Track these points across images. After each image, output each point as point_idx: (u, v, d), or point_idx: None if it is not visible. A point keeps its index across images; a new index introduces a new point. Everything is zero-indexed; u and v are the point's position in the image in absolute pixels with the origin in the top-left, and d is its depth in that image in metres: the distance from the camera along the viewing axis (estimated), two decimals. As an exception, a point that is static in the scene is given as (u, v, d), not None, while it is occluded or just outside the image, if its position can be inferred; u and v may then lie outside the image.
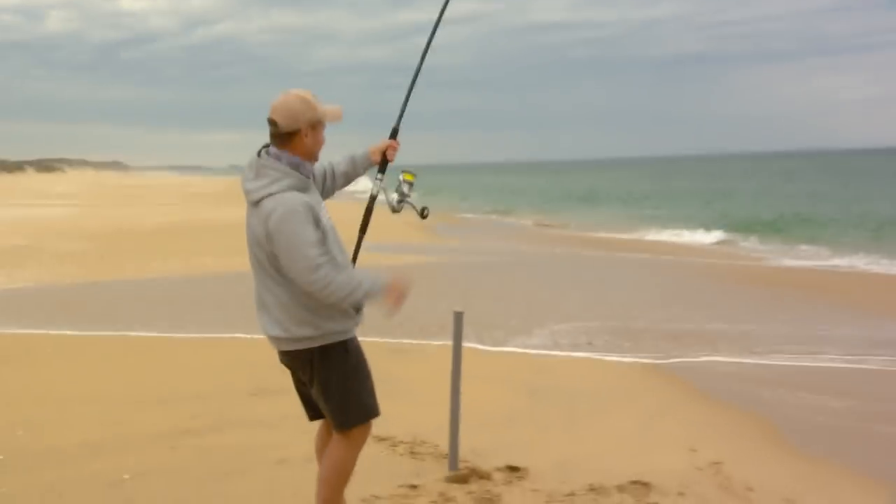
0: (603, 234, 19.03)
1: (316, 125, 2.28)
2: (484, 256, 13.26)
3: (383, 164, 2.64)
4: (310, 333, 2.25)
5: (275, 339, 2.33)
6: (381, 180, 2.63)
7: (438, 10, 2.77)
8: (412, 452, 3.62)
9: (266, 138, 2.35)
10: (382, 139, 2.65)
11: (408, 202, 2.57)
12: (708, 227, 18.92)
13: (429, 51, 2.74)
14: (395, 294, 2.30)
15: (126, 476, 3.34)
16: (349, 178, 2.67)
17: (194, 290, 9.33)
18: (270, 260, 2.23)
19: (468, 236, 17.64)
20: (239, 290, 8.67)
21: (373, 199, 2.63)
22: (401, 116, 2.69)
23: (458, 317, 3.21)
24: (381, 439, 3.62)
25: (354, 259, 2.54)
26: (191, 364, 5.53)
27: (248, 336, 5.89)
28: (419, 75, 2.75)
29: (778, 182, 47.77)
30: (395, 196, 2.56)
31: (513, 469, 3.38)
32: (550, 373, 5.41)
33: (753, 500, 3.15)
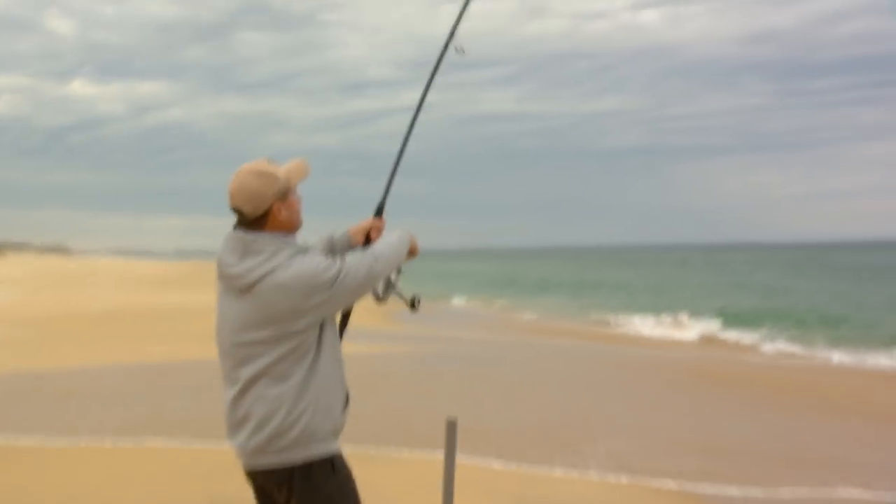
0: (572, 324, 19.12)
1: (285, 195, 1.91)
2: (456, 346, 13.10)
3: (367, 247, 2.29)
4: (293, 443, 1.84)
5: (246, 453, 1.90)
6: None
7: (419, 93, 2.44)
8: None
9: (218, 222, 2.03)
10: (367, 218, 2.29)
11: (395, 292, 2.17)
12: (674, 314, 19.06)
13: (412, 130, 2.44)
14: (414, 243, 2.16)
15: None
16: None
17: (140, 382, 8.81)
18: (277, 339, 1.83)
19: (430, 324, 17.44)
20: (185, 382, 8.45)
21: None
22: (387, 191, 2.33)
23: (452, 426, 2.63)
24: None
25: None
26: (137, 474, 5.07)
27: (200, 446, 5.56)
28: (406, 147, 2.42)
29: (723, 271, 50.07)
30: (380, 284, 2.15)
31: None
32: (543, 486, 4.93)
33: None
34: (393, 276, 2.17)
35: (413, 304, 2.20)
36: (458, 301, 27.15)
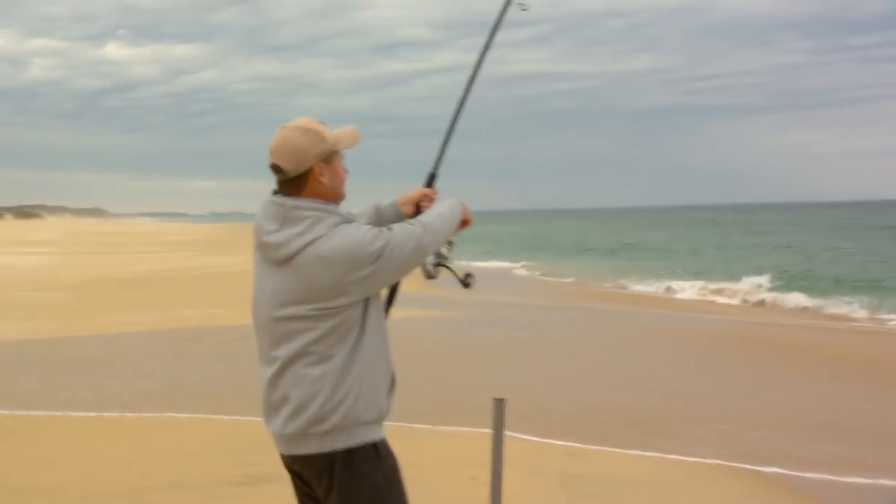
0: (612, 288, 18.43)
1: (330, 157, 1.80)
2: (499, 311, 12.49)
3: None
4: (334, 428, 1.70)
5: (285, 439, 1.77)
6: None
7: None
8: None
9: (253, 185, 1.86)
10: (416, 187, 2.16)
11: (446, 266, 2.04)
12: (736, 277, 17.96)
13: (466, 97, 2.30)
14: (466, 213, 2.01)
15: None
16: None
17: (171, 348, 8.58)
18: (318, 316, 1.69)
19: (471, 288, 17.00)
20: (220, 349, 8.27)
21: None
22: (439, 159, 2.22)
23: (500, 405, 2.49)
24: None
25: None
26: (167, 447, 4.85)
27: (232, 418, 5.37)
28: (462, 111, 2.28)
29: (762, 233, 48.07)
30: (430, 258, 2.00)
31: None
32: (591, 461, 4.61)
33: None
34: (444, 250, 2.03)
35: (466, 282, 2.08)
36: (496, 264, 26.60)
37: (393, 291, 2.03)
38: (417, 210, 2.10)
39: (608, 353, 8.86)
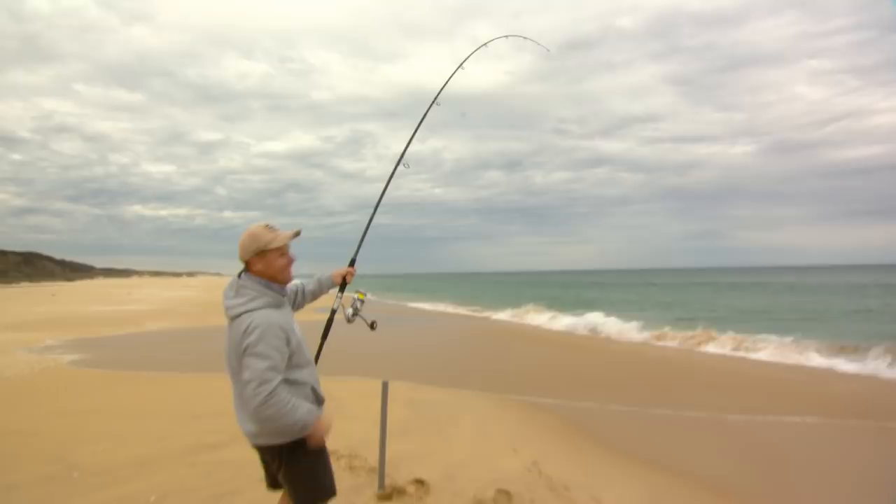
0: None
1: (263, 253, 2.57)
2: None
3: (342, 285, 3.18)
4: (275, 433, 2.49)
5: (248, 435, 2.57)
6: (340, 297, 3.20)
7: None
8: (350, 467, 4.83)
9: None
10: (343, 267, 3.21)
11: (360, 316, 3.10)
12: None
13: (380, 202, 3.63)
14: (318, 435, 2.57)
15: (152, 498, 4.21)
16: (316, 295, 3.11)
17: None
18: (242, 364, 2.45)
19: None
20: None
21: (333, 312, 3.22)
22: (358, 249, 3.32)
23: (385, 386, 4.65)
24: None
25: (317, 359, 2.99)
26: (223, 389, 9.23)
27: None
28: (376, 214, 3.53)
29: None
30: (350, 311, 3.08)
31: (419, 482, 4.46)
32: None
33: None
34: (359, 305, 3.13)
35: (372, 326, 3.24)
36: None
37: (327, 329, 3.26)
38: (343, 281, 3.17)
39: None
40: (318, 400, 2.67)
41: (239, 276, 2.63)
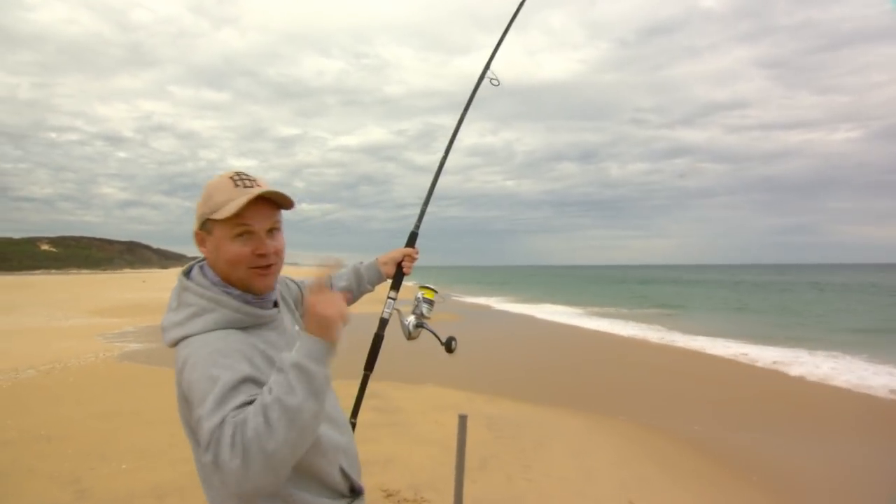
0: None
1: (207, 224, 1.30)
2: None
3: (397, 279, 1.98)
4: None
5: None
6: (394, 299, 1.96)
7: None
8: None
9: None
10: (396, 247, 2.00)
11: (427, 327, 1.93)
12: None
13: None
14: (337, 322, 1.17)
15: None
16: (350, 296, 1.88)
17: None
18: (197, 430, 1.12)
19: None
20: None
21: (383, 324, 1.94)
22: (420, 219, 2.08)
23: (463, 420, 2.73)
24: (388, 495, 4.15)
25: (355, 411, 1.85)
26: None
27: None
28: (440, 174, 2.18)
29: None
30: (411, 319, 1.93)
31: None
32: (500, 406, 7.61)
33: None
34: (425, 309, 1.94)
35: (450, 347, 1.91)
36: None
37: None
38: (399, 270, 1.96)
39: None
40: (351, 488, 1.39)
41: (188, 271, 1.37)
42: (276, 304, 1.39)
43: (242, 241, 1.28)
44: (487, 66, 2.29)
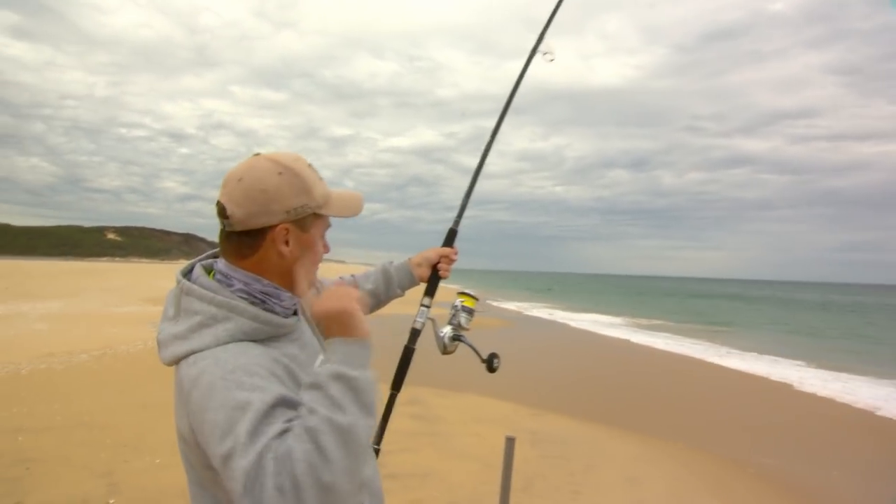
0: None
1: (307, 222, 1.08)
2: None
3: (432, 284, 1.66)
4: None
5: None
6: (428, 307, 1.63)
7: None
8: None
9: None
10: (433, 248, 1.70)
11: (465, 341, 1.64)
12: None
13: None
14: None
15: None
16: (379, 301, 1.64)
17: None
18: (203, 463, 0.96)
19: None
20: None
21: (415, 336, 1.63)
22: (460, 214, 1.76)
23: (510, 443, 2.54)
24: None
25: (380, 437, 1.51)
26: None
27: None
28: (483, 166, 1.83)
29: None
30: (447, 331, 1.63)
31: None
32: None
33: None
34: (464, 320, 1.65)
35: (492, 365, 1.60)
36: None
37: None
38: (435, 273, 1.65)
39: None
40: None
41: (188, 272, 1.10)
42: (294, 312, 1.16)
43: (322, 243, 1.14)
44: (541, 39, 1.93)
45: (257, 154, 1.08)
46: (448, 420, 6.46)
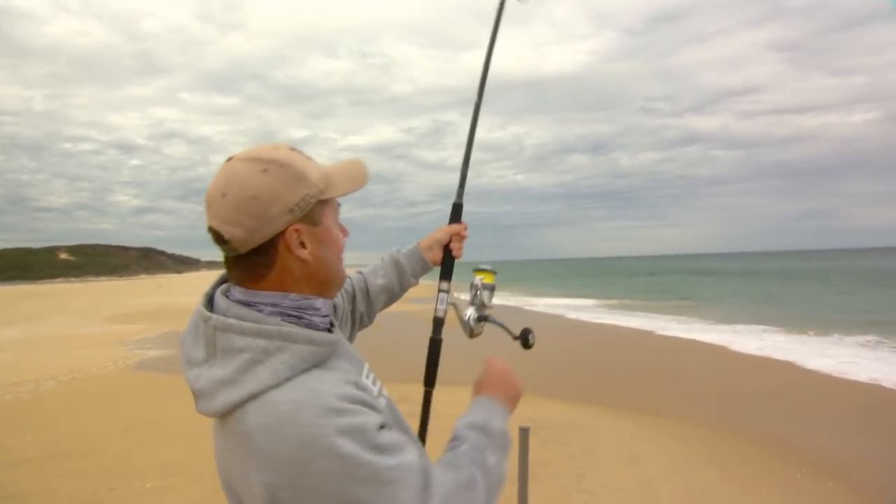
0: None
1: (316, 212, 0.93)
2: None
3: (447, 267, 1.49)
4: None
5: None
6: (447, 292, 1.49)
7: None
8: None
9: None
10: (440, 227, 1.52)
11: (493, 320, 1.48)
12: None
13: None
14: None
15: None
16: (393, 295, 1.49)
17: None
18: None
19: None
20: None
21: (439, 325, 1.47)
22: (462, 184, 1.53)
23: (524, 433, 2.46)
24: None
25: (423, 436, 1.36)
26: None
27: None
28: (478, 119, 1.60)
29: None
30: (471, 312, 1.47)
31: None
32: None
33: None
34: (486, 297, 1.48)
35: (527, 341, 1.45)
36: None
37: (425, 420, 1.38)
38: (448, 253, 1.48)
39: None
40: None
41: (208, 301, 0.94)
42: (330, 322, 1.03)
43: (337, 223, 1.00)
44: None
45: (230, 159, 0.92)
46: (445, 416, 6.40)
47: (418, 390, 1.41)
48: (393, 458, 0.81)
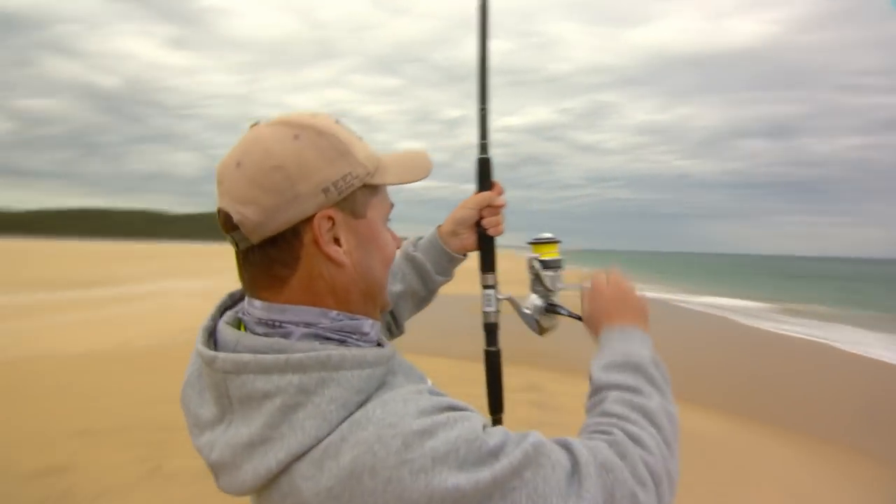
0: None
1: (356, 198, 0.70)
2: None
3: (487, 253, 1.11)
4: None
5: None
6: (493, 287, 1.10)
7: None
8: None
9: None
10: (470, 198, 1.11)
11: (564, 311, 1.10)
12: None
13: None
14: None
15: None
16: (420, 300, 1.16)
17: None
18: None
19: None
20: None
21: (492, 333, 1.10)
22: (484, 134, 1.15)
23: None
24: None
25: None
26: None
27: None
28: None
29: None
30: (534, 302, 1.11)
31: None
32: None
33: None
34: (550, 280, 1.11)
35: None
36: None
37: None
38: (483, 234, 1.09)
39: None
40: None
41: (209, 337, 0.69)
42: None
43: (387, 220, 0.76)
44: None
45: (255, 123, 0.71)
46: (569, 409, 6.00)
47: (540, 377, 1.07)
48: (517, 448, 0.60)
